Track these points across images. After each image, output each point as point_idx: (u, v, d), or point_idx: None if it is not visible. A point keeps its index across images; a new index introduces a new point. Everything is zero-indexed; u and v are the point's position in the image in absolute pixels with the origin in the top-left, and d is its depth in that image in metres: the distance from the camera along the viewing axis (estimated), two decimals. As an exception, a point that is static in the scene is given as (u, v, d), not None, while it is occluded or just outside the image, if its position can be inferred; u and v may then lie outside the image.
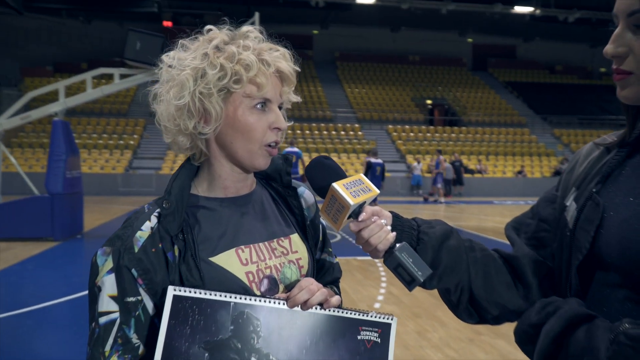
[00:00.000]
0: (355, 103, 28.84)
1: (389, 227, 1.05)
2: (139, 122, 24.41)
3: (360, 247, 1.07)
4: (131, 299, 1.00)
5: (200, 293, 0.96)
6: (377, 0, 26.17)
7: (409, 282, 1.01)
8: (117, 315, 0.99)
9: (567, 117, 29.11)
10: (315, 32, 33.86)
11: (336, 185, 1.02)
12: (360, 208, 1.04)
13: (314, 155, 18.80)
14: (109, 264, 1.01)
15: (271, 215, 1.18)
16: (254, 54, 1.04)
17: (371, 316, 1.06)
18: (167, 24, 27.84)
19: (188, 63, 1.03)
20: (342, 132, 25.36)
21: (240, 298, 0.98)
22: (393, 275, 1.04)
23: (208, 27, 1.09)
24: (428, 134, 26.02)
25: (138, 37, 9.85)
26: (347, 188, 1.02)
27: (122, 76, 10.29)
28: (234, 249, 1.07)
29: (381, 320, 1.06)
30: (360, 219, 1.03)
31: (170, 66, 1.06)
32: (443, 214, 14.51)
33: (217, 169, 1.11)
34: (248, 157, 1.07)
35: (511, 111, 29.66)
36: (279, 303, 1.01)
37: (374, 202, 1.35)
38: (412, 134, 25.86)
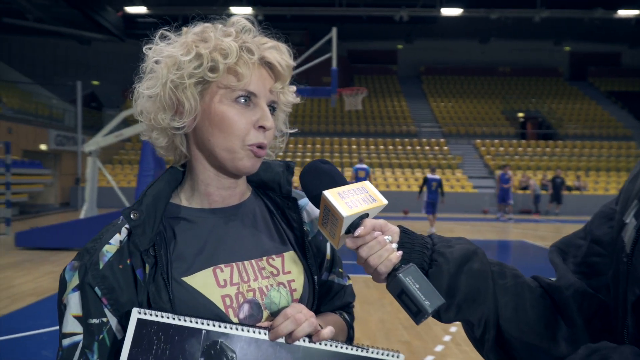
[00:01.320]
0: (441, 117, 28.12)
1: (394, 245, 0.87)
2: (228, 139, 25.29)
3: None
4: (95, 320, 0.89)
5: (168, 318, 0.83)
6: (464, 11, 25.46)
7: (415, 313, 0.82)
8: (80, 337, 0.89)
9: (681, 129, 26.38)
10: (400, 46, 33.62)
11: (328, 193, 0.86)
12: (360, 221, 0.87)
13: (398, 171, 18.58)
14: (75, 280, 0.91)
15: (263, 229, 1.02)
16: (236, 41, 0.91)
17: (372, 352, 0.90)
18: (255, 44, 28.78)
19: (166, 52, 0.93)
20: (427, 147, 24.76)
21: (215, 325, 0.84)
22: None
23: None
24: (519, 149, 24.69)
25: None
26: (342, 197, 0.86)
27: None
28: (211, 268, 0.93)
29: (385, 357, 0.91)
30: (356, 234, 0.86)
31: (156, 61, 0.95)
32: (536, 233, 13.58)
33: (200, 173, 0.98)
34: (229, 157, 0.93)
35: (615, 123, 27.42)
36: (259, 332, 0.86)
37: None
38: (501, 149, 24.69)
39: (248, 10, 24.19)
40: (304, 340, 0.87)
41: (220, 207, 0.99)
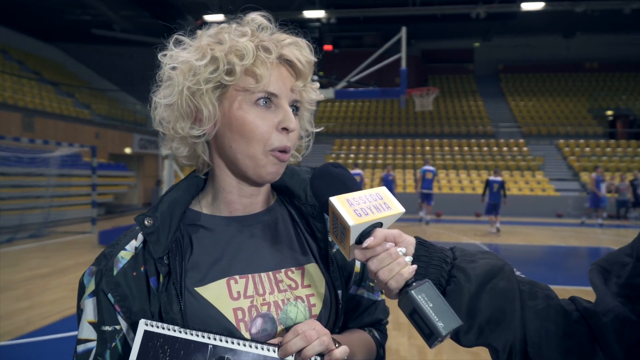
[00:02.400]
0: (521, 117, 26.87)
1: (409, 258, 0.78)
2: (300, 141, 25.59)
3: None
4: (108, 328, 0.87)
5: (174, 331, 0.81)
6: (546, 5, 24.14)
7: (428, 335, 0.73)
8: (93, 344, 0.88)
9: None
10: (477, 44, 32.50)
11: (335, 200, 0.79)
12: (371, 230, 0.79)
13: (473, 173, 17.95)
14: (92, 285, 0.90)
15: (284, 239, 0.97)
16: (252, 40, 0.87)
17: None
18: (328, 47, 29.00)
19: (181, 58, 0.89)
20: (505, 148, 23.74)
21: (222, 340, 0.80)
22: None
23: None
24: (608, 149, 23.04)
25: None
26: (350, 204, 0.79)
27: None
28: (225, 279, 0.89)
29: None
30: (364, 245, 0.78)
31: (172, 67, 0.91)
32: (626, 240, 12.58)
33: (221, 181, 0.94)
34: (251, 164, 0.88)
35: None
36: (269, 350, 0.81)
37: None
38: (587, 149, 23.18)
39: (321, 13, 24.35)
40: (314, 359, 0.81)
41: (241, 216, 0.95)
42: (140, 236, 0.91)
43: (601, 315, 0.76)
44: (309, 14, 24.44)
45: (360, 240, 0.80)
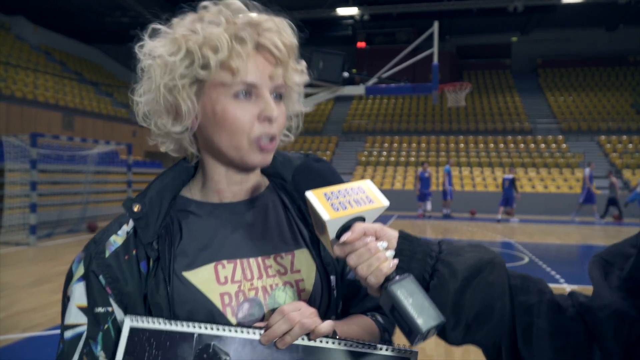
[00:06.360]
0: (560, 113, 26.10)
1: (390, 253, 0.75)
2: (332, 139, 25.64)
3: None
4: (100, 309, 0.87)
5: (160, 323, 0.80)
6: (587, -3, 23.37)
7: (408, 332, 0.69)
8: (83, 328, 0.87)
9: None
10: (514, 39, 31.74)
11: (311, 194, 0.76)
12: (351, 224, 0.76)
13: (509, 171, 17.49)
14: (80, 270, 0.89)
15: (274, 225, 0.96)
16: (227, 30, 0.83)
17: (380, 349, 0.82)
18: (361, 45, 28.84)
19: (157, 52, 0.87)
20: (543, 145, 23.11)
21: (207, 328, 0.80)
22: None
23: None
24: (653, 145, 22.16)
25: (321, 57, 10.31)
26: (328, 198, 0.76)
27: (306, 95, 10.83)
28: (213, 264, 0.88)
29: (395, 354, 0.82)
30: (341, 240, 0.75)
31: (147, 61, 0.90)
32: None
33: (210, 170, 0.94)
34: (237, 155, 0.88)
35: None
36: (254, 333, 0.80)
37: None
38: (630, 145, 22.31)
39: (354, 10, 24.25)
40: (302, 339, 0.80)
41: (231, 202, 0.95)
42: (131, 221, 0.91)
43: (597, 311, 0.71)
44: (342, 11, 24.37)
45: (340, 235, 0.77)
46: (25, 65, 18.60)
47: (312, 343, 0.80)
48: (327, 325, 0.80)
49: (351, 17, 25.92)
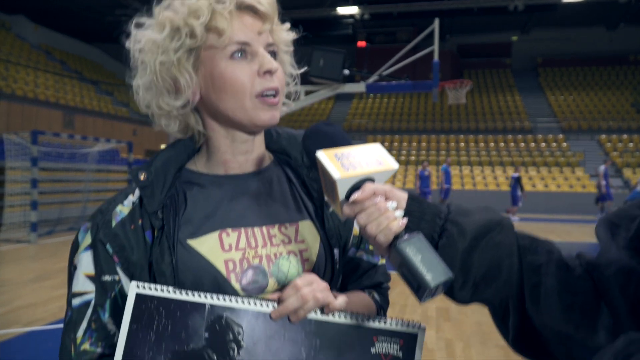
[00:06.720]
0: (560, 112, 26.11)
1: (399, 213, 0.76)
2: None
3: None
4: (107, 277, 0.87)
5: (169, 292, 0.79)
6: (588, -4, 23.38)
7: (416, 288, 0.70)
8: (92, 296, 0.87)
9: None
10: (515, 38, 31.75)
11: (322, 153, 0.77)
12: (361, 185, 0.77)
13: (510, 170, 17.58)
14: (87, 239, 0.90)
15: (279, 197, 0.97)
16: None
17: (390, 324, 0.84)
18: (362, 44, 28.82)
19: (146, 37, 0.89)
20: (543, 144, 23.13)
21: (219, 299, 0.79)
22: None
23: None
24: (653, 144, 22.17)
25: (321, 54, 10.31)
26: (338, 158, 0.77)
27: (307, 92, 10.83)
28: (217, 232, 0.89)
29: (404, 329, 0.84)
30: (352, 199, 0.76)
31: (140, 50, 0.91)
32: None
33: (216, 141, 0.94)
34: (244, 115, 0.88)
35: None
36: (267, 305, 0.80)
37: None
38: (631, 144, 22.33)
39: (354, 9, 24.26)
40: (315, 313, 0.81)
41: (236, 174, 0.95)
42: (137, 191, 0.91)
43: (604, 268, 0.71)
44: (342, 10, 24.37)
45: (349, 196, 0.77)
46: (25, 63, 18.61)
47: (324, 317, 0.81)
48: (341, 300, 0.82)
49: (351, 16, 25.92)
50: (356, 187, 0.77)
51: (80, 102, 18.66)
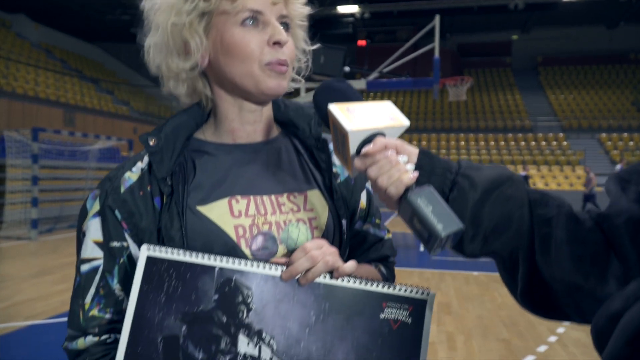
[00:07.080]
0: (560, 110, 26.11)
1: (410, 166, 0.76)
2: (333, 137, 25.58)
3: None
4: (116, 243, 0.87)
5: (179, 254, 0.79)
6: (588, -6, 23.37)
7: (427, 239, 0.70)
8: (100, 262, 0.87)
9: None
10: (515, 37, 31.73)
11: (334, 107, 0.77)
12: (372, 139, 0.77)
13: (510, 168, 17.68)
14: (96, 206, 0.90)
15: (287, 167, 0.97)
16: None
17: (399, 290, 0.83)
18: (362, 43, 28.80)
19: (158, 1, 0.90)
20: (544, 143, 23.13)
21: (228, 261, 0.79)
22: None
23: None
24: (654, 143, 22.16)
25: (322, 51, 10.31)
26: (350, 112, 0.77)
27: (307, 89, 10.83)
28: (227, 198, 0.89)
29: (413, 295, 0.83)
30: (363, 151, 0.76)
31: (153, 12, 0.92)
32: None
33: (224, 109, 0.94)
34: (251, 82, 0.88)
35: None
36: (276, 269, 0.80)
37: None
38: (631, 143, 22.33)
39: (355, 8, 24.25)
40: (324, 277, 0.81)
41: (244, 143, 0.95)
42: (145, 158, 0.91)
43: (614, 218, 0.71)
44: (342, 9, 24.36)
45: (359, 151, 0.78)
46: (26, 62, 18.61)
47: (333, 282, 0.81)
48: (351, 264, 0.82)
49: (352, 14, 25.91)
50: (367, 140, 0.77)
51: (80, 100, 18.66)
